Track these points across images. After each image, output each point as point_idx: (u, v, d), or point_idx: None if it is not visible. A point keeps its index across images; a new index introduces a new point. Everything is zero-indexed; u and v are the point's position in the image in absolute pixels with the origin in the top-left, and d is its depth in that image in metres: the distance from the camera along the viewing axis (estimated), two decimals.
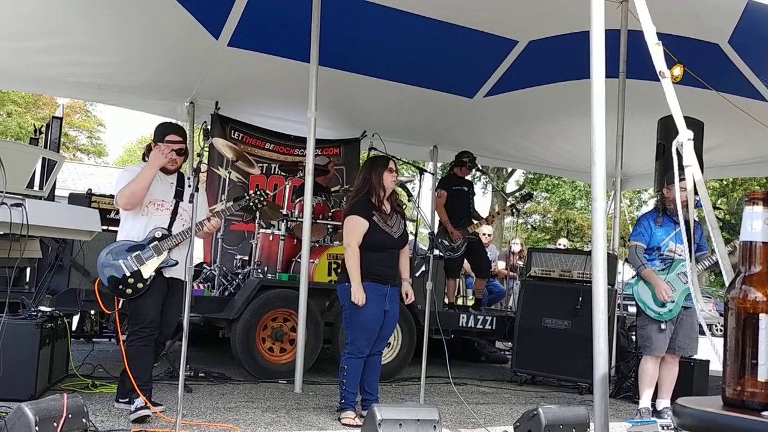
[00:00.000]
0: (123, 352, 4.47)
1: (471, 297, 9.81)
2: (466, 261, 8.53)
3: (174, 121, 6.68)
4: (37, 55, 7.22)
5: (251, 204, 5.06)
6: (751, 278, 1.37)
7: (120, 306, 4.72)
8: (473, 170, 8.58)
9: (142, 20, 7.03)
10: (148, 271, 4.46)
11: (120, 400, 4.60)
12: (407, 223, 5.24)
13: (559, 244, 12.29)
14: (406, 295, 4.99)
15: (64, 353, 5.32)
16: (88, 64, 7.57)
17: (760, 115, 7.53)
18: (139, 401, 4.32)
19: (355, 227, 4.71)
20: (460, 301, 9.13)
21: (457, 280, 8.96)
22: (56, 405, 3.41)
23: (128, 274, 4.42)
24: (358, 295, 4.61)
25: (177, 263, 4.51)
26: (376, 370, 4.93)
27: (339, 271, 6.55)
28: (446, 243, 8.02)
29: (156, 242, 4.49)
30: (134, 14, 6.93)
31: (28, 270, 6.25)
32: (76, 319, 6.79)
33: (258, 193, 4.99)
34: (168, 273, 4.57)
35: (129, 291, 4.44)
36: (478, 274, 8.69)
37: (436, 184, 9.05)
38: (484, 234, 11.27)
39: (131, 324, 4.55)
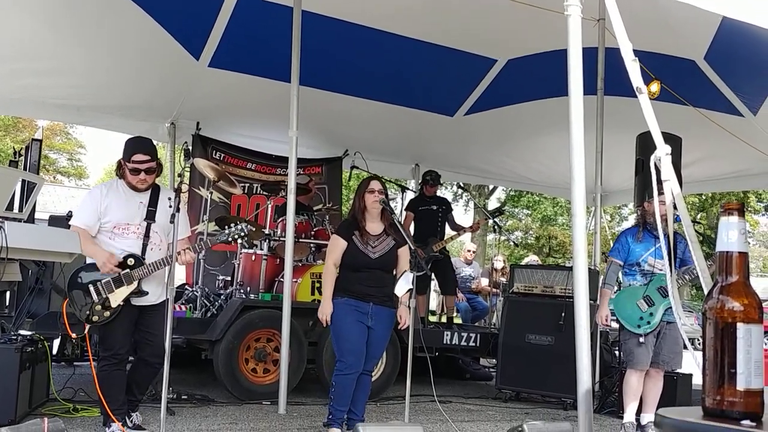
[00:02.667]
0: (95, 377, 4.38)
1: (456, 314, 9.80)
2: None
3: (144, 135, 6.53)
4: (17, 78, 7.20)
5: (230, 240, 4.68)
6: (728, 288, 1.38)
7: (87, 330, 4.60)
8: (438, 186, 8.64)
9: (122, 42, 7.04)
10: (116, 299, 4.33)
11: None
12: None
13: (529, 261, 12.33)
14: (400, 317, 4.89)
15: (45, 377, 5.24)
16: (69, 86, 7.55)
17: (737, 130, 7.63)
18: (115, 427, 4.29)
19: (333, 247, 4.87)
20: (444, 318, 9.12)
21: (425, 296, 8.93)
22: (36, 429, 3.35)
23: (96, 300, 4.32)
24: (324, 310, 4.71)
25: (147, 294, 4.41)
26: (365, 390, 4.85)
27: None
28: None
29: (128, 270, 4.35)
30: (114, 36, 6.94)
31: (8, 293, 6.18)
32: (57, 342, 6.71)
33: (240, 227, 4.68)
34: (137, 302, 4.43)
35: (95, 318, 4.32)
36: (443, 291, 8.69)
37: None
38: (468, 251, 11.34)
39: (101, 350, 4.47)
